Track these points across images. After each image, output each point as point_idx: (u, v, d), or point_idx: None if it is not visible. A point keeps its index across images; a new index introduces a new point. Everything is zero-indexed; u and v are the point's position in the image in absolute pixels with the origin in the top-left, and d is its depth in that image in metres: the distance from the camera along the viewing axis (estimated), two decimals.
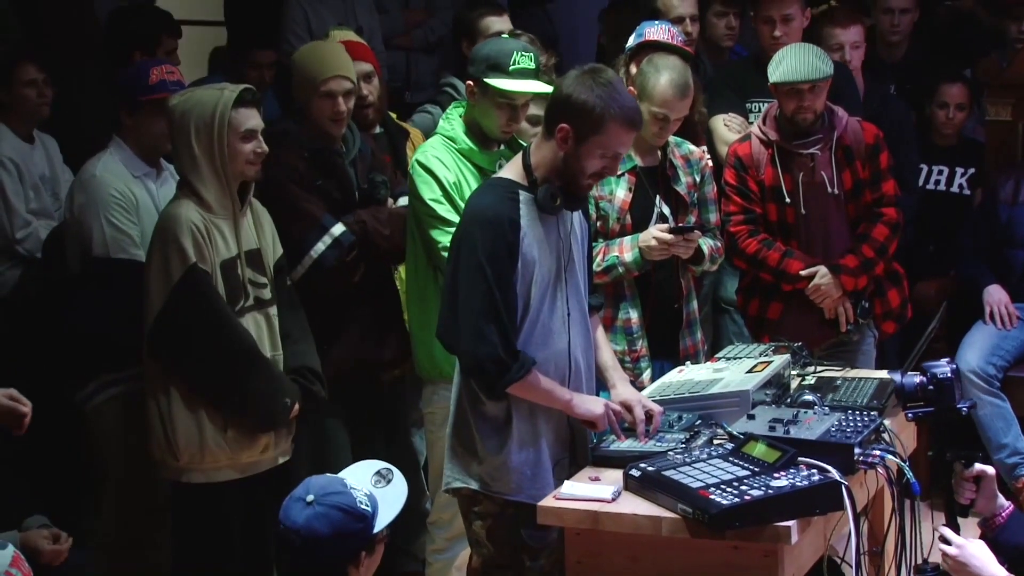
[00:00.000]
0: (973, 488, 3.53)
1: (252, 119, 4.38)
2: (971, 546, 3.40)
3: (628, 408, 4.08)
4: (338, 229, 4.75)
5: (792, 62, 5.28)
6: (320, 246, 4.72)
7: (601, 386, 4.35)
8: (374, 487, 3.38)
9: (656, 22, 5.52)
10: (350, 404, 4.95)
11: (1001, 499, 3.54)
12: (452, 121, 4.78)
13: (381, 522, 3.32)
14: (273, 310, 4.49)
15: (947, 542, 3.43)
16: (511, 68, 4.58)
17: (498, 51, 4.62)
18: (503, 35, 5.20)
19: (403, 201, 4.99)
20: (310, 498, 3.26)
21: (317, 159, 4.83)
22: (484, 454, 4.04)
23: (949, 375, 3.51)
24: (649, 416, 4.06)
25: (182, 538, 4.43)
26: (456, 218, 4.44)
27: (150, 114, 4.66)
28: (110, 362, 4.63)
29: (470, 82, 4.66)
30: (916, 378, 3.55)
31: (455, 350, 4.03)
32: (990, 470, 3.53)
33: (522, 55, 4.60)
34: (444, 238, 4.57)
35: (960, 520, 3.58)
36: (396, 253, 4.95)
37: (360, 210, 4.87)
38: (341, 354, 4.83)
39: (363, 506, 3.28)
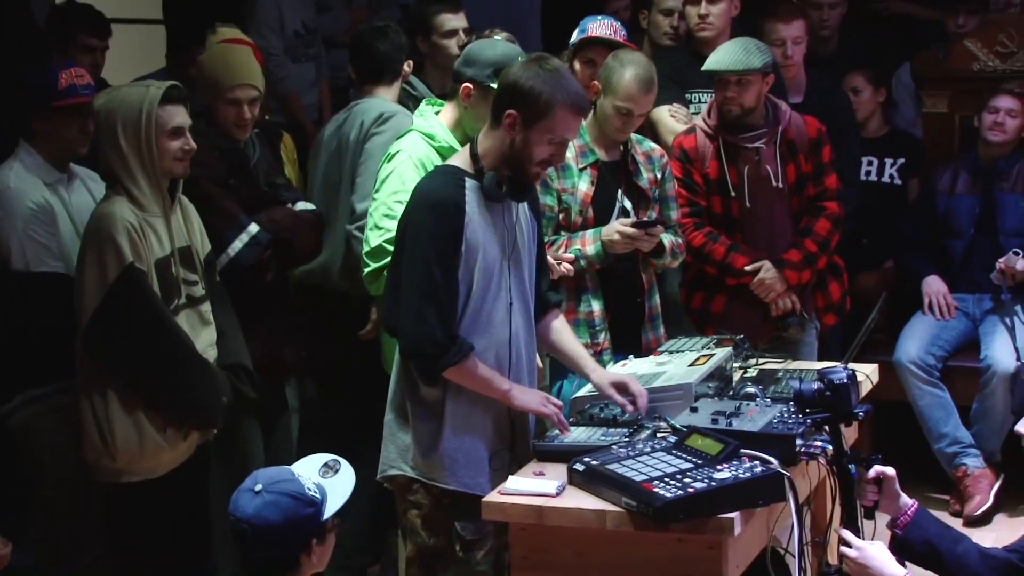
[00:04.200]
0: (875, 490, 3.57)
1: (178, 116, 4.34)
2: (870, 548, 3.44)
3: (624, 386, 4.10)
4: (254, 227, 4.72)
5: (721, 52, 5.33)
6: (238, 244, 4.68)
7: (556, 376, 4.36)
8: (322, 478, 3.39)
9: (599, 17, 5.51)
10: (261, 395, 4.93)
11: (905, 498, 3.57)
12: (428, 118, 4.66)
13: (330, 509, 3.34)
14: (205, 307, 4.45)
15: (847, 544, 3.47)
16: None
17: (506, 58, 4.42)
18: (495, 37, 5.16)
19: (301, 206, 4.99)
20: (258, 487, 3.28)
21: (228, 159, 4.81)
22: (418, 439, 4.05)
23: (845, 380, 3.56)
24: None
25: (119, 538, 4.38)
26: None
27: (61, 120, 4.57)
28: (36, 376, 4.56)
29: (468, 85, 4.49)
30: (814, 384, 3.59)
31: (395, 331, 4.04)
32: (890, 471, 3.56)
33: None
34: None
35: (871, 521, 3.62)
36: (304, 255, 4.99)
37: (271, 210, 4.86)
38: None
39: (311, 492, 3.31)
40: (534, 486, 3.76)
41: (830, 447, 3.71)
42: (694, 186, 5.46)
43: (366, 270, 4.59)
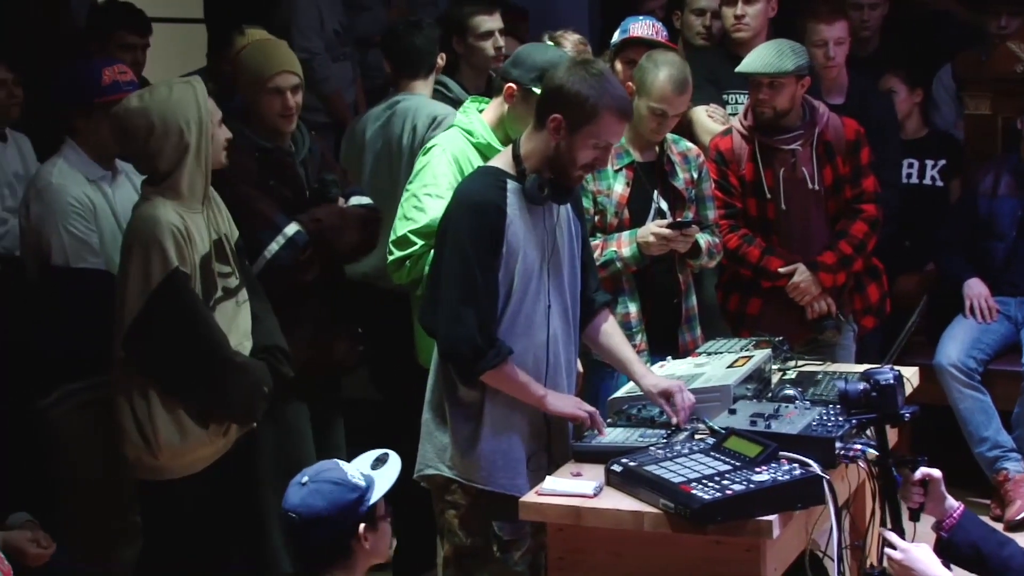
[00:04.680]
0: (921, 492, 3.54)
1: (217, 107, 4.38)
2: (916, 550, 3.42)
3: (668, 395, 4.08)
4: (291, 228, 4.69)
5: (755, 54, 5.34)
6: (274, 246, 4.66)
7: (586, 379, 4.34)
8: (372, 471, 3.48)
9: (640, 17, 5.52)
10: (309, 389, 4.93)
11: (951, 500, 3.55)
12: (470, 115, 4.68)
13: (377, 494, 3.40)
14: (241, 296, 4.43)
15: (892, 546, 3.45)
16: None
17: (551, 63, 4.40)
18: (548, 41, 5.14)
19: (355, 200, 4.97)
20: (304, 479, 3.39)
21: (267, 159, 4.80)
22: (456, 440, 4.05)
23: (892, 381, 3.53)
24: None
25: (160, 535, 4.40)
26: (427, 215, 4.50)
27: (105, 117, 4.55)
28: (73, 371, 4.58)
29: (511, 85, 4.51)
30: (860, 384, 3.57)
31: (433, 332, 4.04)
32: (936, 473, 3.54)
33: None
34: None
35: (923, 526, 3.60)
36: (351, 252, 4.96)
37: (316, 208, 4.83)
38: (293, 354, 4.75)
39: (355, 479, 3.38)
40: (572, 487, 3.76)
41: (870, 450, 3.69)
42: (730, 188, 5.45)
43: (390, 258, 4.62)
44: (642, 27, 5.39)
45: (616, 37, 5.44)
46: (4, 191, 5.58)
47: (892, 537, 3.47)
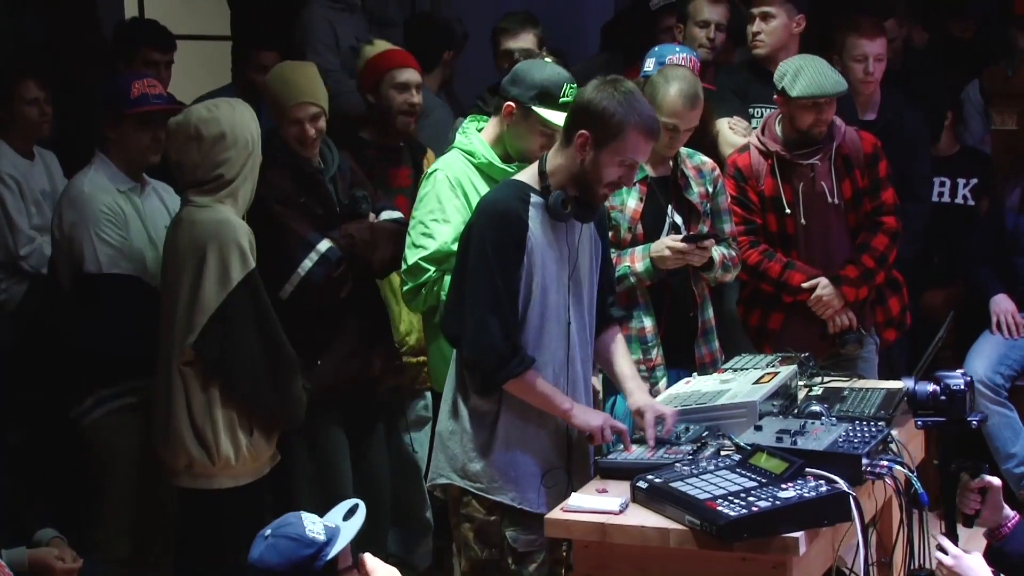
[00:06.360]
0: (978, 499, 3.54)
1: None
2: (967, 558, 3.42)
3: (640, 414, 4.08)
4: (324, 245, 4.72)
5: (814, 76, 5.25)
6: (307, 263, 4.69)
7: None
8: (343, 521, 3.46)
9: (677, 48, 5.48)
10: (346, 408, 4.95)
11: (1007, 509, 3.55)
12: (469, 135, 4.67)
13: (338, 547, 3.38)
14: None
15: (944, 552, 3.45)
16: (561, 100, 4.43)
17: (550, 82, 4.45)
18: (545, 59, 5.15)
19: (386, 215, 4.98)
20: (267, 533, 3.39)
21: (298, 177, 4.83)
22: (470, 450, 4.05)
23: (963, 387, 3.53)
24: (660, 419, 4.07)
25: (196, 543, 4.43)
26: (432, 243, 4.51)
27: (134, 128, 4.69)
28: (106, 377, 4.63)
29: (510, 103, 4.50)
30: (929, 387, 3.56)
31: (457, 340, 4.04)
32: (996, 481, 3.54)
33: (570, 87, 4.44)
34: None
35: (967, 530, 3.59)
36: (383, 267, 4.96)
37: (347, 224, 4.85)
38: (329, 371, 4.80)
39: (313, 535, 3.37)
40: (597, 503, 3.75)
41: (896, 466, 3.68)
42: (749, 204, 5.44)
43: (404, 288, 4.62)
44: (678, 60, 5.35)
45: (651, 67, 5.41)
46: (31, 209, 5.62)
47: (946, 543, 3.47)
